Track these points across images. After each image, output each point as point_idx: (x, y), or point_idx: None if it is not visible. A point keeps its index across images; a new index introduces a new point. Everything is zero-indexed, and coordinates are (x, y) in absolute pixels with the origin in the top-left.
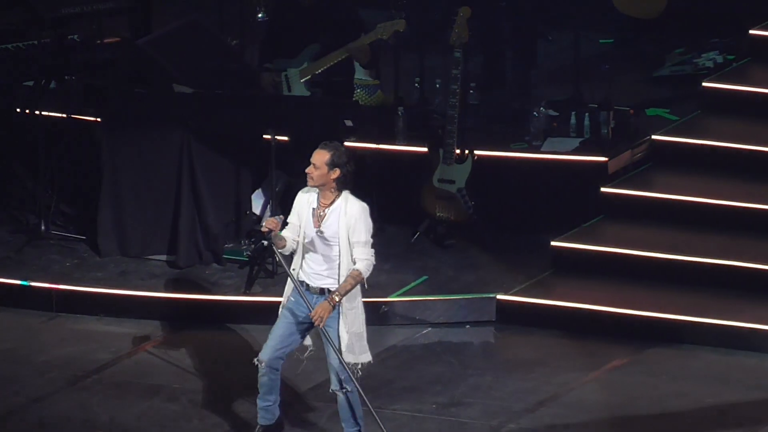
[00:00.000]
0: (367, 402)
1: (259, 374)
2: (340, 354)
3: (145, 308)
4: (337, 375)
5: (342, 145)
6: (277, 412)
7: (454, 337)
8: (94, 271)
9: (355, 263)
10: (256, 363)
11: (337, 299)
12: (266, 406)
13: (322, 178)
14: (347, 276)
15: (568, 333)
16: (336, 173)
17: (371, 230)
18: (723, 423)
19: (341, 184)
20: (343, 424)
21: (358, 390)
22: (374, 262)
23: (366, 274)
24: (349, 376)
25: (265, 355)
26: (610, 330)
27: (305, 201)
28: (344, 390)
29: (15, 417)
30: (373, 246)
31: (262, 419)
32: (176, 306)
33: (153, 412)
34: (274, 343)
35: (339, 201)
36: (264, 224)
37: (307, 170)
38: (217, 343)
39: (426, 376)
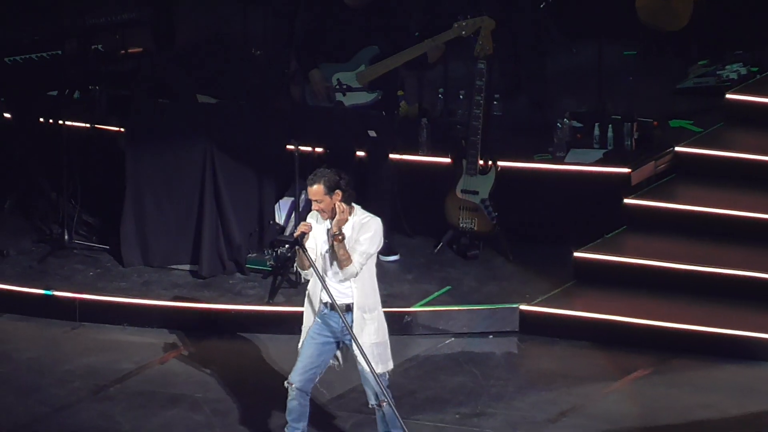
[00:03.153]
0: (396, 413)
1: (289, 398)
2: (370, 366)
3: (168, 318)
4: (373, 389)
5: (322, 168)
6: None
7: (477, 347)
8: (118, 280)
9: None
10: (286, 386)
11: (337, 231)
12: None
13: (330, 207)
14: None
15: (591, 344)
16: (338, 195)
17: (378, 245)
18: None
19: (348, 201)
20: None
21: (390, 401)
22: (356, 273)
23: (345, 274)
24: (383, 389)
25: (295, 377)
26: (632, 341)
27: (318, 223)
28: (382, 403)
29: (38, 426)
30: (375, 264)
31: None
32: (199, 315)
33: (176, 421)
34: (303, 364)
35: (351, 218)
36: (297, 228)
37: (314, 209)
38: (240, 352)
39: (448, 386)
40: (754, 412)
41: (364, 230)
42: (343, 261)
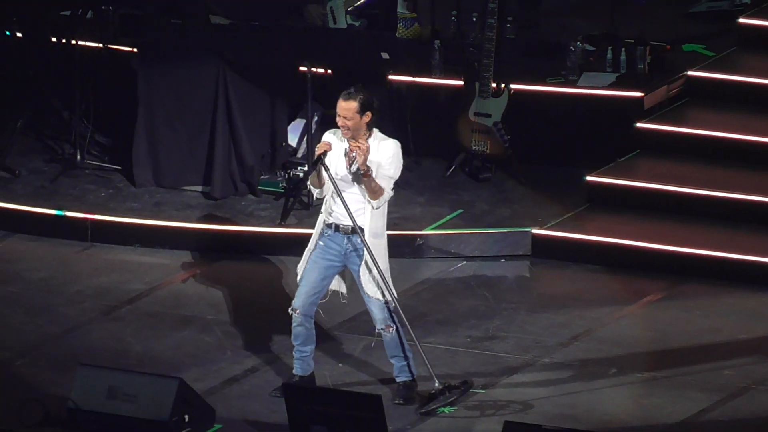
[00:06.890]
0: (414, 336)
1: (294, 324)
2: (381, 290)
3: (180, 239)
4: (381, 313)
5: (360, 86)
6: (313, 364)
7: (489, 270)
8: (129, 201)
9: None
10: (291, 312)
11: (366, 169)
12: (303, 357)
13: (357, 126)
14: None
15: (603, 268)
16: (368, 117)
17: (399, 166)
18: (756, 358)
19: (373, 125)
20: (392, 360)
21: (404, 324)
22: (390, 197)
23: (379, 203)
24: (391, 314)
25: (299, 302)
26: (644, 265)
27: (335, 143)
28: (390, 328)
29: (48, 347)
30: (398, 185)
31: (299, 369)
32: (211, 237)
33: (187, 342)
34: (306, 289)
35: (371, 141)
36: (319, 147)
37: (339, 123)
38: (252, 274)
39: (460, 309)
40: (762, 336)
41: (383, 152)
42: (376, 192)
